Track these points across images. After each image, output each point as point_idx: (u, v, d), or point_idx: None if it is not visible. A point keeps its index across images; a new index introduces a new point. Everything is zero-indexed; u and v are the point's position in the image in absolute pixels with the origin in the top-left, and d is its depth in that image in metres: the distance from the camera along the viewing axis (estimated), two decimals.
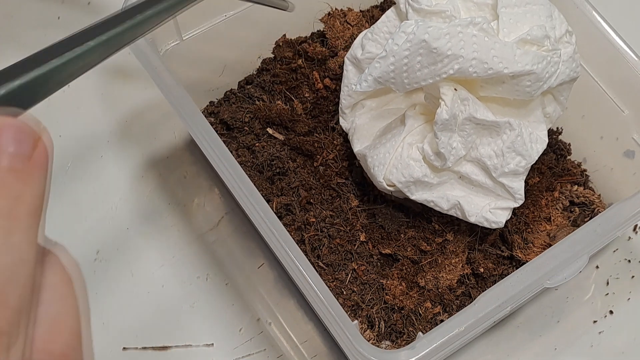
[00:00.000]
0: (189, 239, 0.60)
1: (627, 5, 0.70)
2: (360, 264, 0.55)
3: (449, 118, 0.48)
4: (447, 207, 0.52)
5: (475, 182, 0.52)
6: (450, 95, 0.49)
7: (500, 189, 0.52)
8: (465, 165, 0.52)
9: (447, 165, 0.50)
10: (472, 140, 0.51)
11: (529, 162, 0.51)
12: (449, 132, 0.49)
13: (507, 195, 0.52)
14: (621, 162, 0.58)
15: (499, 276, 0.55)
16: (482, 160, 0.51)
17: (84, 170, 0.62)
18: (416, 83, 0.49)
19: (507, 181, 0.51)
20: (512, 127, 0.50)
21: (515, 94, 0.51)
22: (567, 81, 0.52)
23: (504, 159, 0.51)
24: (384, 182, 0.52)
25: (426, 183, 0.51)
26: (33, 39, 0.67)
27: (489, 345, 0.57)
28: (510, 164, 0.51)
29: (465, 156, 0.51)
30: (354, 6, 0.65)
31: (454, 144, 0.50)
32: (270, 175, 0.58)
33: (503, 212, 0.52)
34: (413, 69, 0.48)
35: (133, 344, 0.56)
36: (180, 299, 0.58)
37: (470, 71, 0.48)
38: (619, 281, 0.60)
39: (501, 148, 0.51)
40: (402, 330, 0.54)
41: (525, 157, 0.51)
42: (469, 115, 0.49)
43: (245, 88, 0.62)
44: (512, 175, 0.51)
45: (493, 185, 0.52)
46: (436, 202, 0.52)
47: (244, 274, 0.59)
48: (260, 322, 0.57)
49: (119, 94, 0.65)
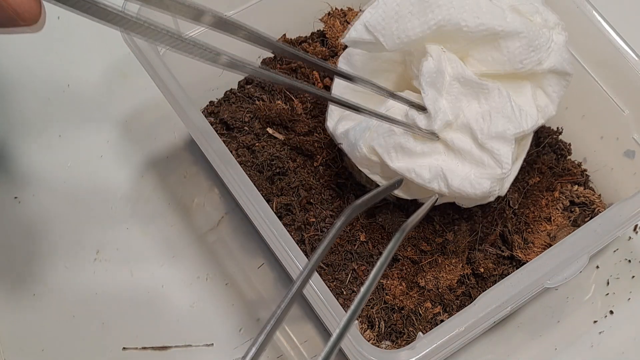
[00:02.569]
0: (189, 239, 0.60)
1: (627, 5, 0.70)
2: (360, 264, 0.55)
3: (435, 70, 0.48)
4: (428, 177, 0.49)
5: (460, 149, 0.49)
6: (437, 52, 0.49)
7: (487, 157, 0.49)
8: (450, 132, 0.49)
9: (433, 128, 0.48)
10: (459, 106, 0.49)
11: (517, 129, 0.49)
12: (436, 91, 0.49)
13: (494, 164, 0.49)
14: (621, 162, 0.58)
15: (499, 276, 0.55)
16: (469, 124, 0.49)
17: (84, 170, 0.62)
18: (406, 36, 0.49)
19: (494, 144, 0.49)
20: (501, 93, 0.49)
21: (505, 63, 0.50)
22: (559, 72, 0.52)
23: (491, 122, 0.49)
24: (365, 149, 0.50)
25: (408, 150, 0.49)
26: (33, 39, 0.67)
27: (489, 345, 0.57)
28: (498, 127, 0.49)
29: (452, 125, 0.50)
30: (354, 6, 0.66)
31: (441, 105, 0.49)
32: (270, 175, 0.58)
33: (488, 179, 0.49)
34: (403, 18, 0.49)
35: (133, 344, 0.56)
36: (180, 299, 0.58)
37: (462, 24, 0.48)
38: (619, 281, 0.60)
39: (488, 111, 0.49)
40: (402, 330, 0.54)
41: (514, 122, 0.49)
42: (457, 74, 0.49)
43: (245, 88, 0.62)
44: (499, 139, 0.49)
45: (479, 153, 0.49)
46: (418, 171, 0.49)
47: (244, 274, 0.59)
48: (260, 322, 0.57)
49: (119, 94, 0.65)
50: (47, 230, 0.60)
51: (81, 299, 0.58)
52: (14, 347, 0.56)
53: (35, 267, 0.59)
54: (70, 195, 0.61)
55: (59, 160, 0.62)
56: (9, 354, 0.56)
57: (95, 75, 0.66)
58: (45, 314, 0.57)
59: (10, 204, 0.60)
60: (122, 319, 0.57)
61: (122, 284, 0.58)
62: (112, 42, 0.64)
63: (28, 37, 0.67)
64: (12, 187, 0.61)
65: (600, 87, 0.56)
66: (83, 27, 0.68)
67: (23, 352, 0.56)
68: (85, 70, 0.66)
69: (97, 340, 0.57)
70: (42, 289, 0.58)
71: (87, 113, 0.64)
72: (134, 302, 0.58)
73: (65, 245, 0.59)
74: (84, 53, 0.67)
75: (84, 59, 0.67)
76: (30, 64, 0.66)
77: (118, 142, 0.63)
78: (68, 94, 0.65)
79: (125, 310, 0.57)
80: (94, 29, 0.68)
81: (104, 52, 0.67)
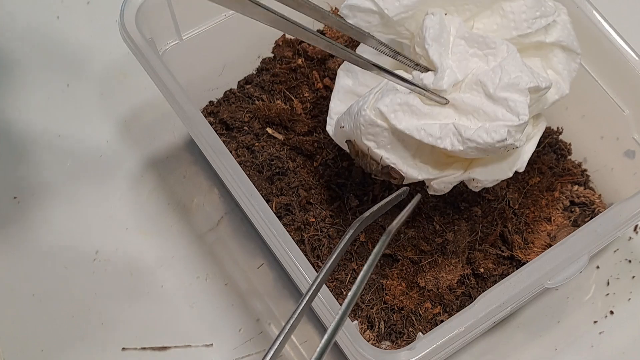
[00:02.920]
0: (188, 239, 0.60)
1: (627, 5, 0.70)
2: (359, 264, 0.55)
3: (439, 25, 0.46)
4: (439, 134, 0.45)
5: (472, 107, 0.46)
6: (439, 12, 0.48)
7: (501, 110, 0.45)
8: (460, 94, 0.47)
9: (442, 87, 0.46)
10: (466, 65, 0.47)
11: (532, 81, 0.46)
12: (441, 46, 0.47)
13: (509, 114, 0.45)
14: (621, 162, 0.58)
15: (499, 276, 0.55)
16: (479, 79, 0.46)
17: (83, 170, 0.62)
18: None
19: (507, 94, 0.45)
20: (509, 48, 0.47)
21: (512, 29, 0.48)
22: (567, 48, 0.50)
23: (502, 72, 0.46)
24: (370, 112, 0.47)
25: (415, 109, 0.46)
26: (33, 38, 0.67)
27: (489, 346, 0.57)
28: (511, 76, 0.46)
29: (461, 86, 0.47)
30: None
31: (448, 62, 0.47)
32: (270, 175, 0.58)
33: (505, 127, 0.45)
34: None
35: (132, 344, 0.56)
36: (180, 299, 0.58)
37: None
38: (620, 281, 0.60)
39: (499, 63, 0.47)
40: (402, 330, 0.54)
41: (527, 74, 0.46)
42: (461, 33, 0.47)
43: (244, 88, 0.62)
44: (513, 89, 0.45)
45: (493, 106, 0.46)
46: (427, 129, 0.45)
47: (244, 274, 0.59)
48: (260, 322, 0.57)
49: (119, 93, 0.65)
50: (46, 230, 0.60)
51: (81, 299, 0.58)
52: (14, 347, 0.56)
53: (35, 267, 0.59)
54: (69, 195, 0.61)
55: (58, 160, 0.62)
56: (8, 354, 0.56)
57: (95, 75, 0.66)
58: (45, 314, 0.57)
59: (10, 204, 0.60)
60: (122, 319, 0.57)
61: (121, 284, 0.58)
62: (112, 42, 0.64)
63: (28, 37, 0.67)
64: (12, 187, 0.61)
65: (600, 87, 0.56)
66: (83, 27, 0.68)
67: (23, 352, 0.56)
68: (85, 70, 0.66)
69: (97, 340, 0.56)
70: (42, 289, 0.58)
71: (86, 113, 0.64)
72: (133, 302, 0.58)
73: (65, 245, 0.59)
74: (84, 53, 0.67)
75: (84, 59, 0.66)
76: (30, 64, 0.66)
77: (118, 142, 0.63)
78: (68, 93, 0.65)
79: (124, 310, 0.57)
80: (94, 29, 0.68)
81: (104, 52, 0.67)
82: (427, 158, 0.48)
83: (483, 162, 0.49)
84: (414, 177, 0.49)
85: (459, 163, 0.50)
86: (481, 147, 0.45)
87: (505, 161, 0.50)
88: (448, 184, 0.49)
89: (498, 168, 0.50)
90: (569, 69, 0.51)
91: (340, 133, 0.51)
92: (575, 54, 0.51)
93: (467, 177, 0.49)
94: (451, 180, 0.49)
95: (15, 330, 0.57)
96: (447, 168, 0.49)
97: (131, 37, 0.51)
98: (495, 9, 0.49)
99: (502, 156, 0.50)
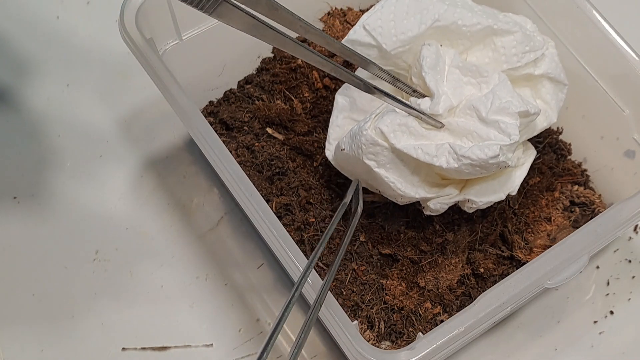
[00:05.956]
0: (188, 239, 0.60)
1: (627, 5, 0.70)
2: (360, 264, 0.55)
3: (435, 55, 0.50)
4: (435, 152, 0.48)
5: (465, 130, 0.49)
6: (435, 44, 0.51)
7: (493, 132, 0.49)
8: (454, 117, 0.50)
9: (437, 111, 0.49)
10: (461, 92, 0.50)
11: (522, 106, 0.49)
12: (437, 74, 0.50)
13: (501, 135, 0.48)
14: (622, 162, 0.58)
15: (499, 276, 0.55)
16: (472, 104, 0.49)
17: (83, 170, 0.62)
18: (403, 33, 0.51)
19: (499, 117, 0.48)
20: (501, 76, 0.50)
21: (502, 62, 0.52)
22: (554, 80, 0.54)
23: (494, 97, 0.49)
24: (372, 132, 0.49)
25: (413, 130, 0.49)
26: (32, 38, 0.67)
27: (489, 346, 0.57)
28: (502, 101, 0.49)
29: (455, 110, 0.50)
30: (353, 5, 0.65)
31: (444, 88, 0.50)
32: (270, 175, 0.58)
33: (497, 146, 0.48)
34: (400, 18, 0.51)
35: (132, 344, 0.56)
36: (180, 299, 0.58)
37: (458, 21, 0.51)
38: (620, 281, 0.60)
39: (491, 90, 0.50)
40: (402, 330, 0.54)
41: (517, 99, 0.49)
42: (455, 63, 0.50)
43: (244, 88, 0.62)
44: (504, 113, 0.49)
45: (485, 129, 0.49)
46: (424, 147, 0.48)
47: (244, 274, 0.59)
48: (260, 322, 0.57)
49: (118, 93, 0.65)
50: (46, 230, 0.60)
51: (81, 299, 0.58)
52: (14, 347, 0.56)
53: (35, 267, 0.59)
54: (69, 195, 0.61)
55: (58, 160, 0.62)
56: (8, 354, 0.56)
57: (95, 75, 0.66)
58: (45, 314, 0.57)
59: (10, 204, 0.60)
60: (122, 319, 0.57)
61: (121, 284, 0.58)
62: (112, 42, 0.64)
63: (27, 36, 0.67)
64: (11, 187, 0.61)
65: (600, 87, 0.56)
66: (83, 27, 0.68)
67: (23, 352, 0.56)
68: (85, 70, 0.66)
69: (97, 340, 0.56)
70: (41, 289, 0.58)
71: (86, 113, 0.64)
72: (133, 302, 0.58)
73: (65, 245, 0.59)
74: (84, 53, 0.67)
75: (84, 59, 0.66)
76: (29, 64, 0.66)
77: (117, 142, 0.63)
78: (67, 93, 0.65)
79: (124, 310, 0.57)
80: (94, 29, 0.68)
81: (104, 52, 0.67)
82: (423, 178, 0.51)
83: (477, 184, 0.52)
84: (412, 196, 0.51)
85: (453, 185, 0.52)
86: (475, 163, 0.47)
87: (499, 184, 0.53)
88: (444, 205, 0.52)
89: (492, 190, 0.53)
90: (556, 99, 0.54)
91: (340, 156, 0.53)
92: (562, 85, 0.54)
93: (462, 198, 0.52)
94: (447, 201, 0.52)
95: (15, 330, 0.57)
96: (442, 189, 0.52)
97: (131, 37, 0.51)
98: (487, 43, 0.53)
99: (495, 178, 0.53)
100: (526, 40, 0.52)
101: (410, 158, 0.49)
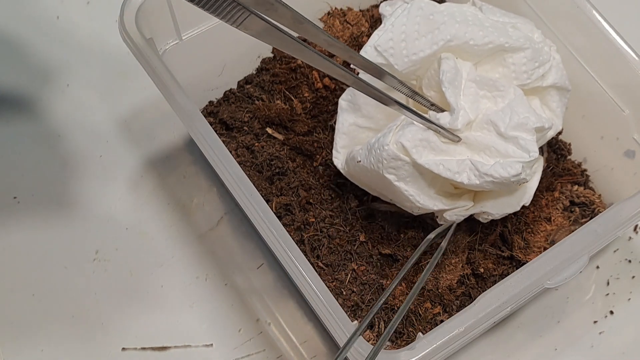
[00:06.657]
0: (188, 239, 0.60)
1: (627, 5, 0.70)
2: (360, 264, 0.55)
3: (454, 69, 0.49)
4: (457, 169, 0.49)
5: (484, 145, 0.50)
6: (452, 58, 0.51)
7: (512, 147, 0.49)
8: (472, 132, 0.50)
9: (456, 126, 0.49)
10: (477, 106, 0.50)
11: (538, 121, 0.50)
12: (455, 89, 0.50)
13: (520, 152, 0.49)
14: (621, 162, 0.58)
15: (499, 276, 0.55)
16: (489, 119, 0.50)
17: (83, 170, 0.62)
18: (414, 54, 0.51)
19: (517, 133, 0.49)
20: (516, 91, 0.51)
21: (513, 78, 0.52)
22: (559, 87, 0.54)
23: (512, 112, 0.49)
24: (393, 146, 0.49)
25: (434, 145, 0.49)
26: (32, 38, 0.67)
27: (489, 346, 0.57)
28: (520, 116, 0.49)
29: (472, 125, 0.50)
30: (353, 5, 0.65)
31: (461, 102, 0.50)
32: (270, 175, 0.58)
33: (518, 164, 0.48)
34: (411, 38, 0.50)
35: (132, 344, 0.56)
36: (180, 299, 0.58)
37: (469, 40, 0.50)
38: (620, 281, 0.60)
39: (508, 104, 0.50)
40: (402, 330, 0.54)
41: (533, 114, 0.50)
42: (473, 77, 0.50)
43: (244, 88, 0.62)
44: (522, 129, 0.49)
45: (504, 144, 0.49)
46: (445, 163, 0.49)
47: (244, 274, 0.59)
48: (260, 323, 0.57)
49: (118, 93, 0.65)
50: (46, 230, 0.60)
51: (80, 299, 0.58)
52: (14, 347, 0.56)
53: (35, 267, 0.59)
54: (69, 195, 0.61)
55: (58, 159, 0.62)
56: (8, 354, 0.56)
57: (95, 75, 0.66)
58: (44, 314, 0.57)
59: (10, 204, 0.60)
60: (122, 319, 0.57)
61: (121, 284, 0.58)
62: (112, 42, 0.64)
63: (27, 36, 0.67)
64: (11, 187, 0.61)
65: (600, 87, 0.56)
66: (83, 27, 0.68)
67: (23, 352, 0.56)
68: (85, 70, 0.66)
69: (97, 340, 0.56)
70: (41, 289, 0.58)
71: (86, 113, 0.64)
72: (133, 302, 0.58)
73: (65, 245, 0.59)
74: (84, 53, 0.67)
75: (84, 59, 0.66)
76: (29, 64, 0.66)
77: (117, 142, 0.63)
78: (67, 93, 0.65)
79: (124, 310, 0.57)
80: (94, 29, 0.68)
81: (104, 52, 0.67)
82: (439, 190, 0.52)
83: (493, 197, 0.53)
84: (429, 208, 0.52)
85: (466, 195, 0.53)
86: (497, 181, 0.48)
87: (514, 196, 0.54)
88: (460, 216, 0.53)
89: (507, 202, 0.53)
90: (561, 105, 0.55)
91: (354, 167, 0.53)
92: (566, 90, 0.55)
93: (479, 210, 0.53)
94: (463, 212, 0.53)
95: (15, 330, 0.57)
96: (457, 200, 0.53)
97: (131, 37, 0.51)
98: (498, 60, 0.53)
99: (511, 191, 0.53)
100: (536, 56, 0.52)
101: (429, 172, 0.49)
